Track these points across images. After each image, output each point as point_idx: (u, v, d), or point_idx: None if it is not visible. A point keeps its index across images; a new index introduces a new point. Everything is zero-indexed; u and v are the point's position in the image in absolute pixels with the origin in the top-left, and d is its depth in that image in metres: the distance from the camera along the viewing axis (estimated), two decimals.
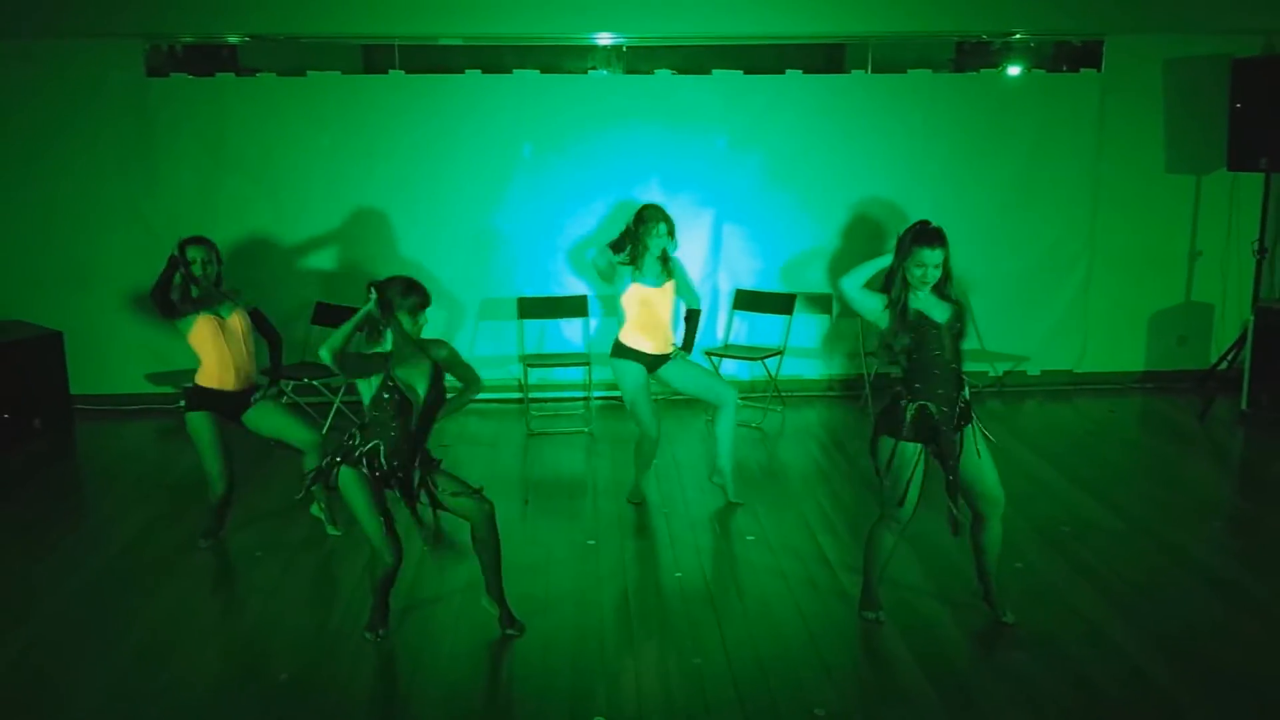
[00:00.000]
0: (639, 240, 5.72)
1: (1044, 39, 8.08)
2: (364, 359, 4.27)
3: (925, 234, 4.26)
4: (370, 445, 4.27)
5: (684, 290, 6.05)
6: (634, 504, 6.03)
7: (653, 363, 5.85)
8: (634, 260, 5.75)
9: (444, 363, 4.45)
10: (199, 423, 5.29)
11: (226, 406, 5.33)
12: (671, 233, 5.76)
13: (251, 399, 5.37)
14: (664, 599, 4.92)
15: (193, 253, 5.20)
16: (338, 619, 4.71)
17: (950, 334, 4.31)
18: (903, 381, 4.38)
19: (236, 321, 5.31)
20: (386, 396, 4.27)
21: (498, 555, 4.52)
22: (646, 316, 5.80)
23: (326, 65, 7.69)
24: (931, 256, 4.22)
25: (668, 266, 5.84)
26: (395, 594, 4.88)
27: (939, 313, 4.31)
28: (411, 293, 4.30)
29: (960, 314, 4.36)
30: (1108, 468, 6.65)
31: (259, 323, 5.52)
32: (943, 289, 4.33)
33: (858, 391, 8.08)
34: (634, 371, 5.81)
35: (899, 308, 4.32)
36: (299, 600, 4.93)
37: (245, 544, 5.52)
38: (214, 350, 5.25)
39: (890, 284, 4.34)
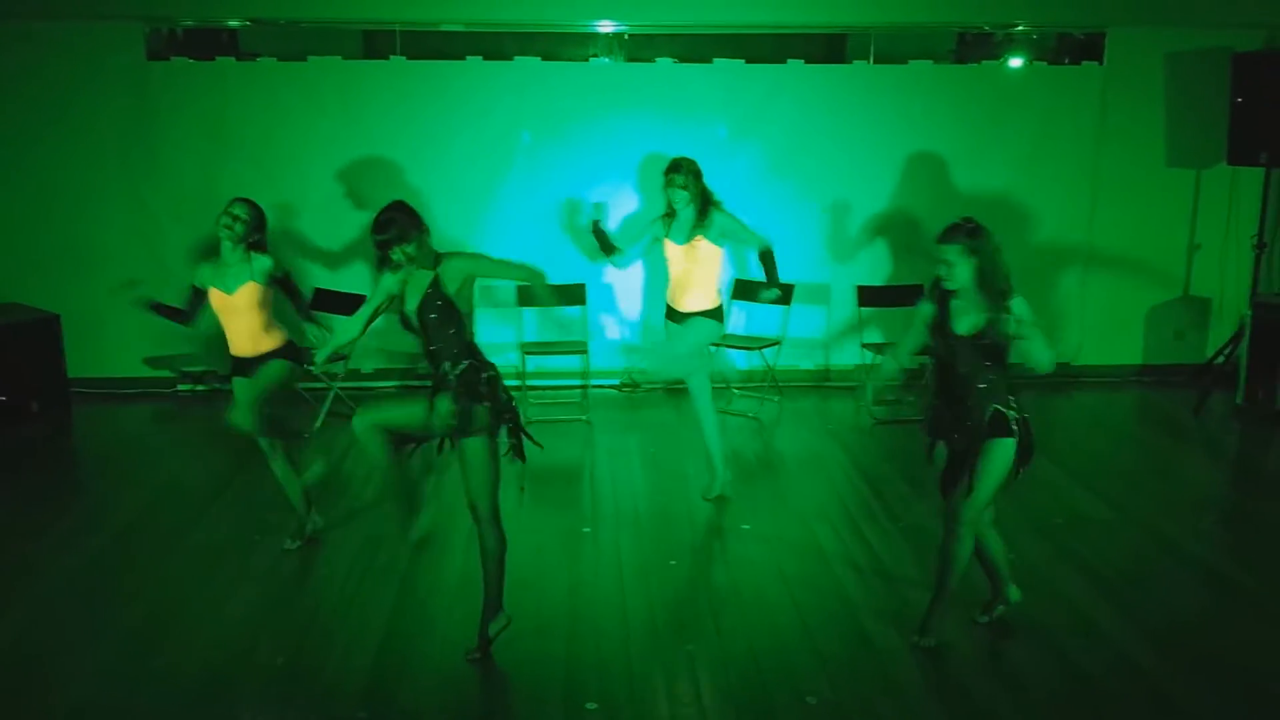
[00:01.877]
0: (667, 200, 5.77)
1: (1046, 31, 8.07)
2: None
3: (948, 229, 4.17)
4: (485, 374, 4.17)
5: (740, 239, 5.89)
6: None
7: (676, 318, 5.85)
8: (666, 215, 5.80)
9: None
10: (235, 386, 5.22)
11: (248, 371, 5.19)
12: (680, 184, 5.64)
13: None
14: (658, 587, 4.94)
15: (235, 209, 5.09)
16: (333, 604, 4.72)
17: (970, 345, 4.11)
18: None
19: (242, 297, 5.10)
20: (434, 315, 4.14)
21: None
22: (671, 272, 5.84)
23: (327, 50, 7.68)
24: (943, 251, 4.13)
25: (703, 222, 5.66)
26: (388, 582, 4.92)
27: (966, 322, 4.13)
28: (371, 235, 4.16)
29: (996, 324, 4.05)
30: (1102, 460, 6.67)
31: (284, 286, 5.32)
32: (987, 290, 4.09)
33: (857, 382, 8.08)
34: (665, 328, 5.98)
35: (934, 309, 4.21)
36: (295, 585, 4.94)
37: (241, 529, 5.53)
38: (223, 321, 5.18)
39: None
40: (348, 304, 7.17)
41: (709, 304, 5.81)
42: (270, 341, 5.18)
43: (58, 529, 5.53)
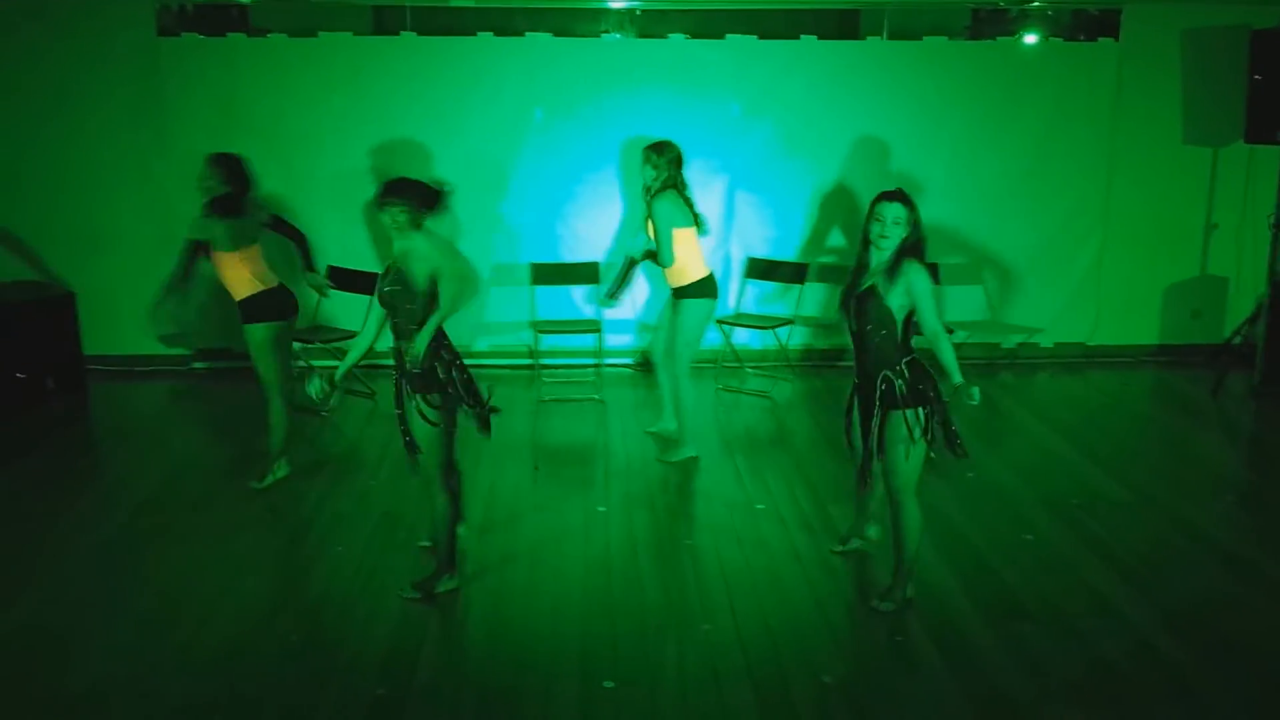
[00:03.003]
0: None
1: (1061, 7, 7.98)
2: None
3: (887, 191, 4.30)
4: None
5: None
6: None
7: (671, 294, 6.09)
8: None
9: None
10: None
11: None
12: (651, 163, 5.90)
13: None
14: (674, 566, 4.94)
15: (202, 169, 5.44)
16: (350, 580, 4.73)
17: (872, 310, 4.23)
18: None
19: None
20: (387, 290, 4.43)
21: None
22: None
23: (337, 26, 7.64)
24: (889, 210, 4.21)
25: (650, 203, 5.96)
26: (406, 559, 4.93)
27: (882, 286, 4.22)
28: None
29: (877, 291, 4.21)
30: (1119, 441, 6.65)
31: (280, 228, 5.73)
32: (902, 254, 4.21)
33: None
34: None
35: (855, 270, 4.36)
36: (312, 562, 4.95)
37: (257, 506, 5.54)
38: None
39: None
40: (360, 281, 7.16)
41: (691, 278, 5.94)
42: (242, 291, 5.51)
43: (75, 506, 5.54)
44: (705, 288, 5.99)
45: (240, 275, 5.49)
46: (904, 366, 4.26)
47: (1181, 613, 4.47)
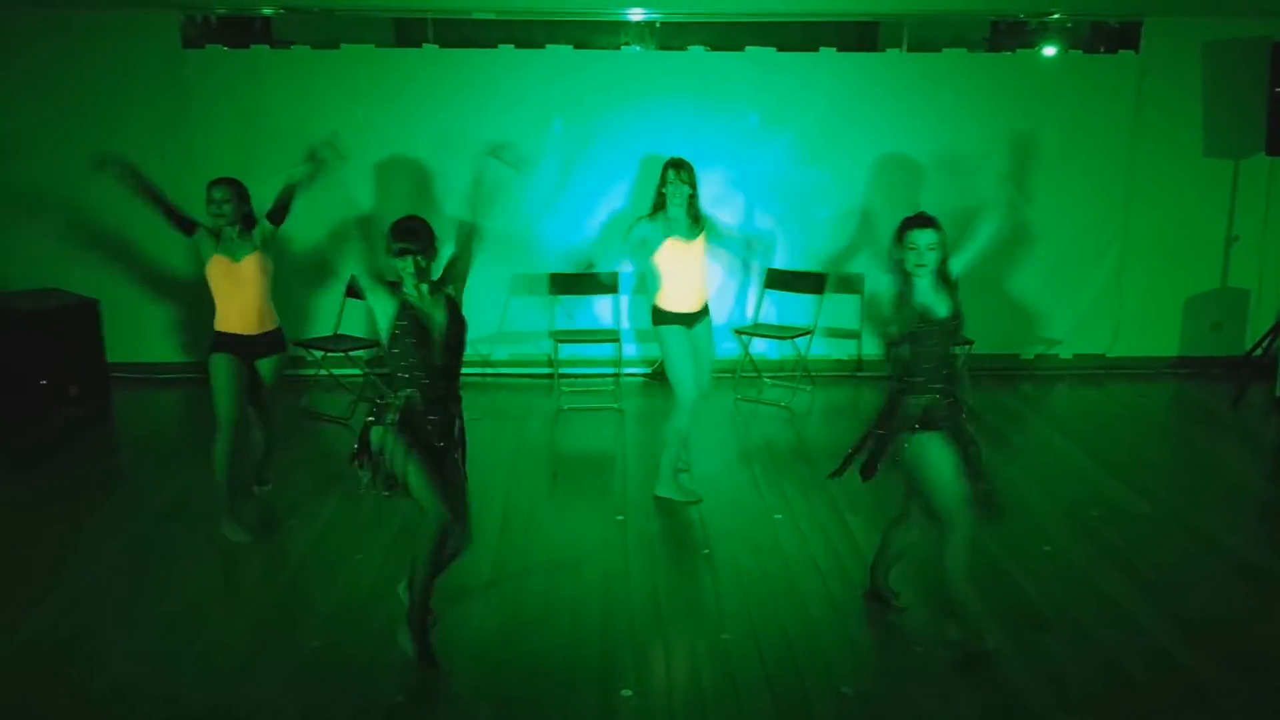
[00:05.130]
0: (661, 195, 5.66)
1: (1081, 19, 7.98)
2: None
3: (913, 217, 4.20)
4: (403, 395, 4.11)
5: (720, 241, 5.92)
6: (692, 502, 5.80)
7: (690, 320, 5.70)
8: (653, 213, 5.66)
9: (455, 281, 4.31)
10: (214, 363, 5.23)
11: (244, 350, 5.29)
12: (687, 180, 5.60)
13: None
14: (692, 575, 4.95)
15: (215, 193, 5.29)
16: (370, 588, 4.76)
17: (948, 330, 4.16)
18: (900, 377, 4.21)
19: (249, 266, 5.27)
20: (403, 324, 4.10)
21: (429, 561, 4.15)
22: (679, 271, 5.67)
23: (360, 38, 7.71)
24: (922, 237, 4.12)
25: (699, 222, 5.70)
26: None
27: (941, 308, 4.16)
28: (392, 239, 4.11)
29: (958, 311, 4.19)
30: (1138, 452, 6.62)
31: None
32: (945, 276, 4.20)
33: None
34: (675, 335, 5.65)
35: (901, 300, 4.18)
36: (331, 569, 4.98)
37: (278, 513, 5.58)
38: (224, 292, 5.27)
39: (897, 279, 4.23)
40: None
41: (706, 295, 5.84)
42: (274, 319, 5.37)
43: (97, 513, 5.59)
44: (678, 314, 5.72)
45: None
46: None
47: (1200, 624, 4.45)
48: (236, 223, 5.29)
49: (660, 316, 5.70)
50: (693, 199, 5.66)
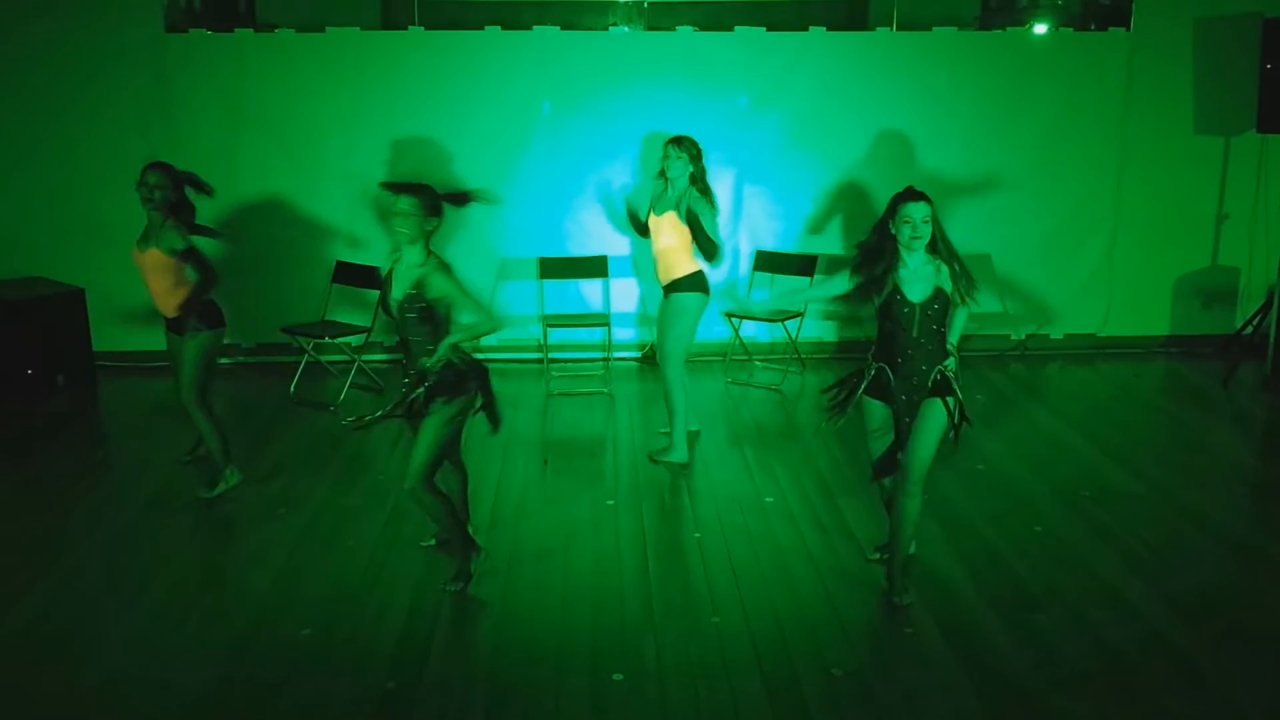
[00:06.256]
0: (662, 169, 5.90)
1: None
2: None
3: (906, 192, 4.25)
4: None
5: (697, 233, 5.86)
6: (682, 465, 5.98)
7: (664, 291, 5.96)
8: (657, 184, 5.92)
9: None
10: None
11: (171, 330, 5.50)
12: (679, 155, 5.77)
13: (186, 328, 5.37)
14: (683, 559, 4.94)
15: (150, 177, 5.25)
16: (360, 575, 4.75)
17: (924, 312, 4.20)
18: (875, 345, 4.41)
19: (150, 258, 5.33)
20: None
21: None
22: (653, 243, 5.94)
23: (345, 20, 7.64)
24: (917, 210, 4.16)
25: (682, 200, 5.78)
26: (415, 554, 4.94)
27: (919, 289, 4.20)
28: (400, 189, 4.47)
29: (944, 290, 4.22)
30: (1129, 432, 6.62)
31: (194, 259, 5.34)
32: (936, 250, 4.24)
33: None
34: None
35: (883, 275, 4.24)
36: (322, 556, 4.96)
37: (268, 500, 5.55)
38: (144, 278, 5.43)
39: (877, 256, 4.27)
40: (368, 276, 7.19)
41: (686, 270, 5.84)
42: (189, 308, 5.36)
43: (85, 502, 5.57)
44: (697, 282, 5.86)
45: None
46: (953, 354, 4.31)
47: (1192, 603, 4.45)
48: (161, 209, 5.26)
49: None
50: (694, 176, 5.78)
